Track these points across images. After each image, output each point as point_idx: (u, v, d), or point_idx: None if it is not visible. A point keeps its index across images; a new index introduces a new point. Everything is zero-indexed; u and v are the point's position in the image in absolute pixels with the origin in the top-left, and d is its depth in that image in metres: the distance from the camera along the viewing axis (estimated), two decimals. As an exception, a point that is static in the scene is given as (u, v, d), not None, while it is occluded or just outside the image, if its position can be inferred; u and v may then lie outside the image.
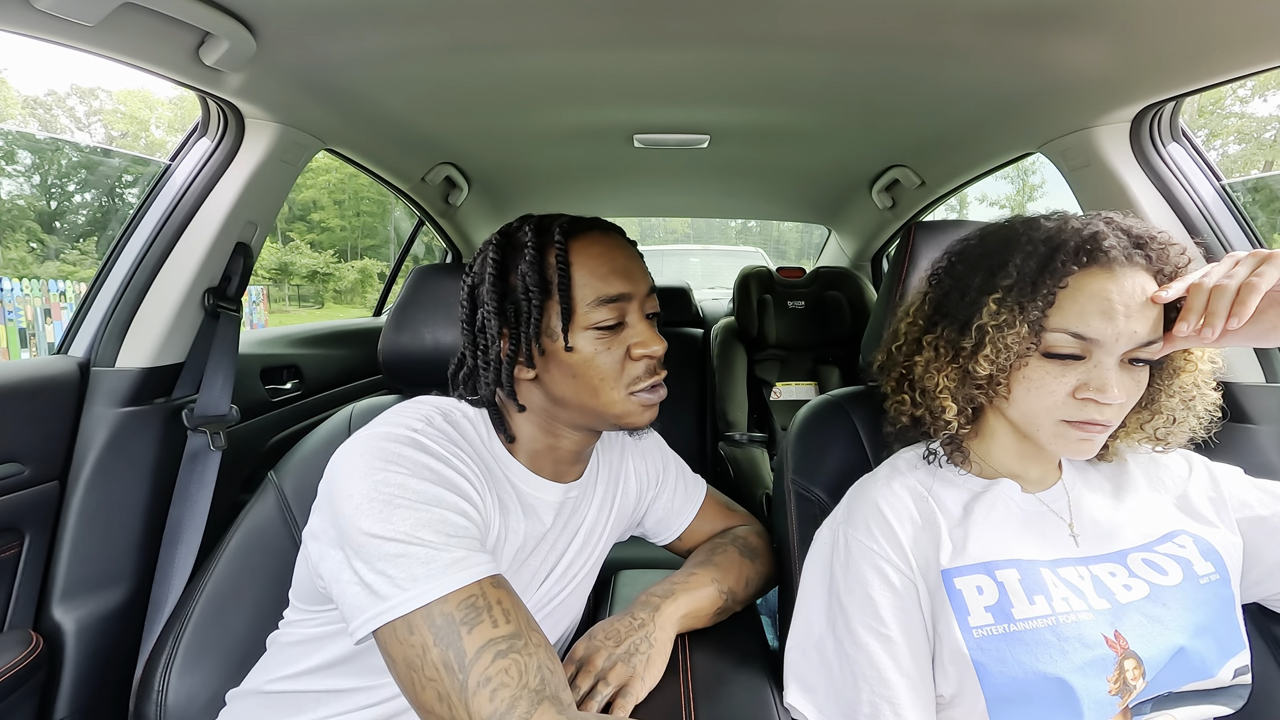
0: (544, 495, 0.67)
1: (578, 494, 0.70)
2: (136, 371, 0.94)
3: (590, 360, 0.60)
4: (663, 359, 0.64)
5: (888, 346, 0.68)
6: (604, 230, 0.64)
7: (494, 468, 0.64)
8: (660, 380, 0.65)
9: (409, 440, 0.56)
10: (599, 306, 0.60)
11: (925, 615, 0.57)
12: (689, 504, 0.83)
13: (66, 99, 16.96)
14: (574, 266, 0.60)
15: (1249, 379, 0.87)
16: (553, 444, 0.67)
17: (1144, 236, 0.56)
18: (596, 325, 0.60)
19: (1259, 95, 11.51)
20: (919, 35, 0.81)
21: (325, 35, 0.82)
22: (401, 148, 1.36)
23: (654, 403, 0.64)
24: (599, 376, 0.61)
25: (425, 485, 0.53)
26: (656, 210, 2.51)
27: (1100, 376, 0.54)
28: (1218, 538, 0.61)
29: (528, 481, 0.66)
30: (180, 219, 0.98)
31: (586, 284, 0.60)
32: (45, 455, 0.88)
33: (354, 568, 0.50)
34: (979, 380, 0.58)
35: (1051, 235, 0.56)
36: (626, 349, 0.62)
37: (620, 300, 0.61)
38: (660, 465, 0.83)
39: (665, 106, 1.16)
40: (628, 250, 0.65)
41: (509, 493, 0.64)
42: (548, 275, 0.60)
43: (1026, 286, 0.55)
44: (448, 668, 0.46)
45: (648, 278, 0.66)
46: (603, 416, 0.63)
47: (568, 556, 0.70)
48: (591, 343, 0.60)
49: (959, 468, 0.65)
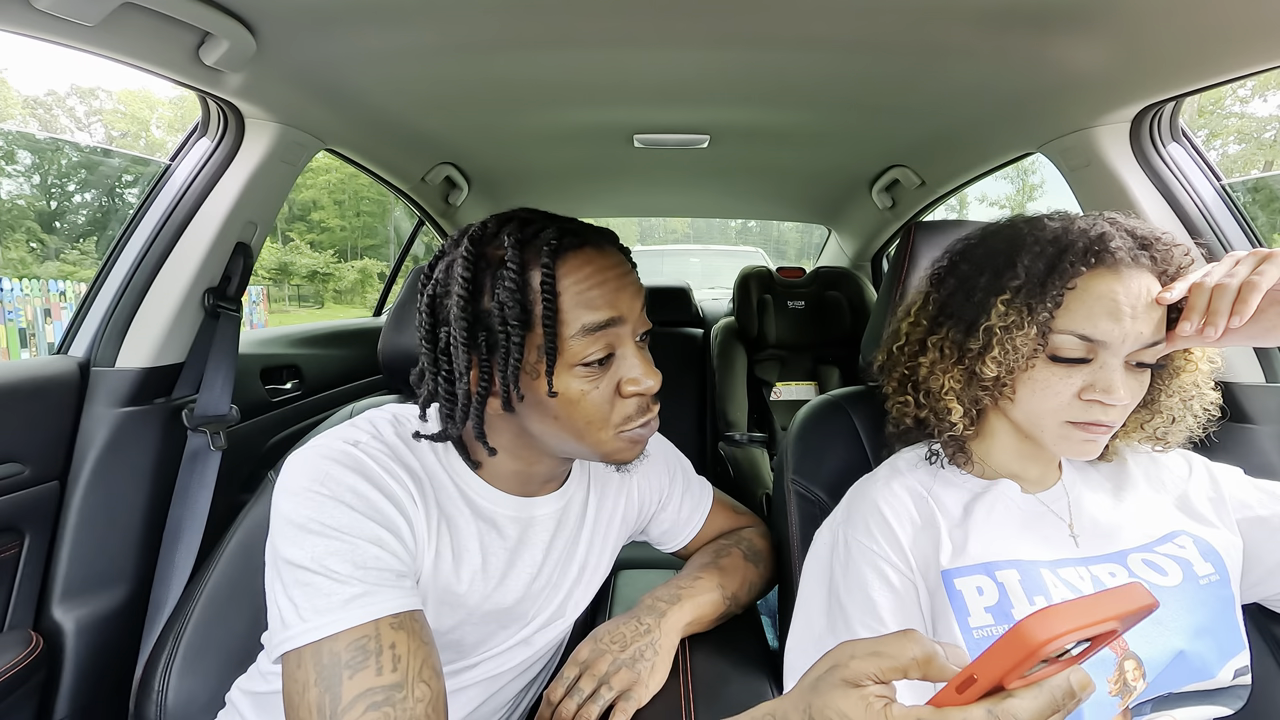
0: (507, 510, 0.61)
1: (553, 508, 0.65)
2: (136, 371, 0.95)
3: (576, 402, 0.53)
4: (657, 392, 0.58)
5: (888, 346, 0.68)
6: (597, 247, 0.54)
7: (448, 485, 0.59)
8: (654, 415, 0.58)
9: (344, 458, 0.53)
10: (585, 337, 0.51)
11: (925, 616, 0.57)
12: (696, 512, 0.80)
13: (66, 99, 16.95)
14: (561, 291, 0.51)
15: (1249, 379, 0.87)
16: (523, 469, 0.61)
17: (1149, 238, 0.56)
18: (583, 361, 0.52)
19: (1259, 95, 11.51)
20: (919, 35, 0.81)
21: (325, 35, 0.82)
22: (401, 148, 1.36)
23: (645, 438, 0.58)
24: (584, 420, 0.54)
25: (344, 512, 0.50)
26: (656, 210, 2.51)
27: (1106, 378, 0.54)
28: (1217, 538, 0.61)
29: (489, 497, 0.61)
30: (180, 219, 0.98)
31: (573, 311, 0.51)
32: (45, 455, 0.88)
33: (273, 588, 0.49)
34: (985, 382, 0.58)
35: (1058, 236, 0.56)
36: (617, 385, 0.54)
37: (610, 327, 0.53)
38: (667, 477, 0.78)
39: (665, 106, 1.16)
40: (621, 268, 0.56)
41: (461, 510, 0.59)
42: (530, 303, 0.51)
43: (1035, 287, 0.54)
44: (320, 712, 0.44)
45: (640, 295, 0.57)
46: (586, 454, 0.58)
47: (547, 570, 0.65)
48: (578, 381, 0.52)
49: (960, 468, 0.65)
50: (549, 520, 0.65)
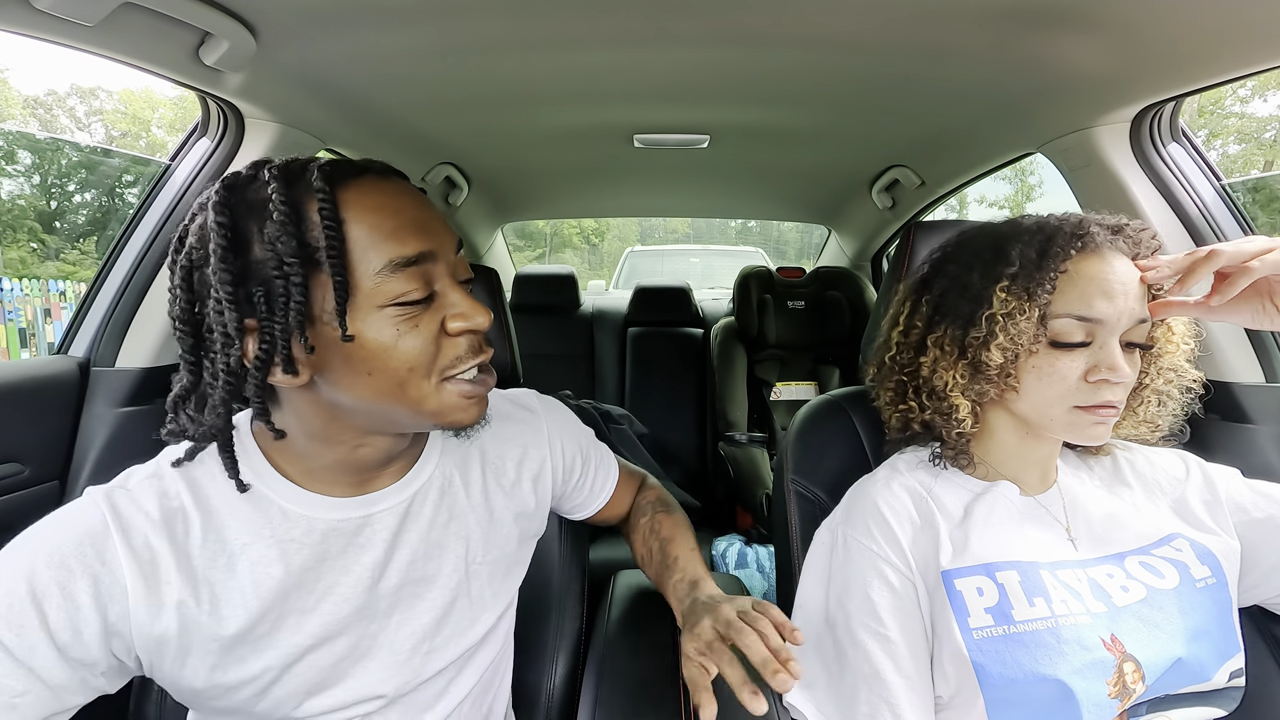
0: (324, 514, 0.52)
1: (394, 501, 0.55)
2: (136, 371, 0.95)
3: (389, 349, 0.45)
4: (486, 338, 0.51)
5: (880, 358, 0.68)
6: (381, 174, 0.48)
7: (238, 509, 0.50)
8: (486, 361, 0.51)
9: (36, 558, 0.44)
10: (395, 274, 0.45)
11: (924, 616, 0.57)
12: (608, 482, 0.77)
13: (67, 99, 16.95)
14: (349, 223, 0.44)
15: (1249, 379, 0.87)
16: (345, 456, 0.51)
17: (1118, 224, 0.59)
18: (398, 300, 0.45)
19: (1259, 95, 11.49)
20: (919, 35, 0.81)
21: (325, 35, 0.82)
22: (401, 148, 1.36)
23: (478, 395, 0.51)
24: (405, 366, 0.46)
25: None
26: (656, 210, 2.51)
27: (1109, 356, 0.55)
28: (1214, 542, 0.61)
29: (301, 502, 0.51)
30: (180, 219, 0.98)
31: (370, 245, 0.44)
32: (45, 455, 0.88)
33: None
34: (991, 372, 0.58)
35: (1042, 225, 0.59)
36: (440, 324, 0.48)
37: (423, 262, 0.46)
38: (580, 455, 0.71)
39: (665, 106, 1.16)
40: (419, 199, 0.49)
41: (254, 534, 0.50)
42: (309, 238, 0.43)
43: (1032, 271, 0.56)
44: None
45: (452, 234, 0.50)
46: (413, 417, 0.49)
47: (391, 577, 0.54)
48: (390, 324, 0.45)
49: (960, 469, 0.65)
50: (388, 516, 0.55)
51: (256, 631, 0.49)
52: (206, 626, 0.48)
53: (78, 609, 0.43)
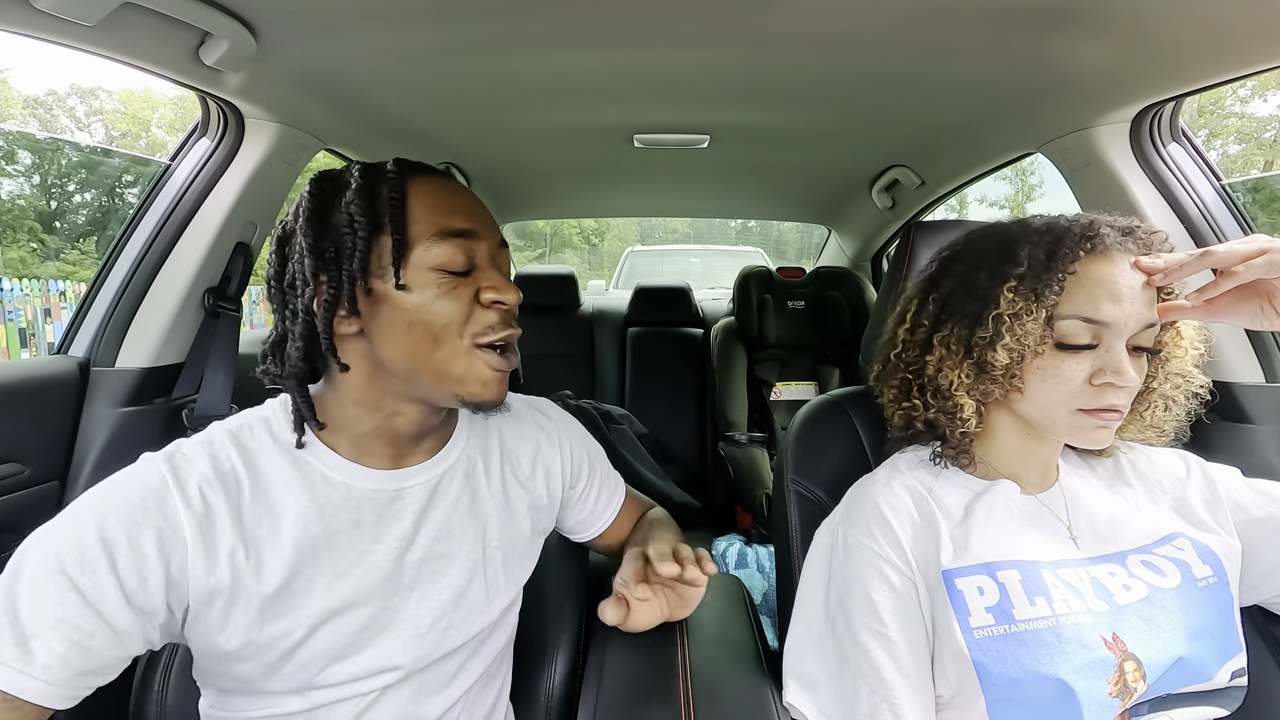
0: (362, 484, 0.56)
1: (426, 476, 0.60)
2: (136, 371, 0.95)
3: (429, 305, 0.52)
4: (517, 315, 0.57)
5: (885, 355, 0.68)
6: (442, 175, 0.58)
7: (285, 474, 0.54)
8: (514, 339, 0.57)
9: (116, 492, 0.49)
10: (442, 241, 0.52)
11: (925, 615, 0.57)
12: (612, 502, 0.78)
13: (67, 99, 16.95)
14: (410, 198, 0.53)
15: (1249, 379, 0.87)
16: (382, 424, 0.57)
17: (1129, 226, 0.59)
18: (440, 267, 0.52)
19: (1259, 95, 11.48)
20: (919, 35, 0.81)
21: (325, 35, 0.82)
22: (401, 148, 1.36)
23: (503, 368, 0.56)
24: (441, 322, 0.52)
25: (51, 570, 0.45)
26: (656, 210, 2.51)
27: (1115, 360, 0.55)
28: (1215, 541, 0.61)
29: (342, 470, 0.56)
30: (180, 219, 0.98)
31: (426, 218, 0.53)
32: (45, 455, 0.88)
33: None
34: (996, 373, 0.58)
35: (1051, 225, 0.58)
36: (475, 293, 0.54)
37: (467, 237, 0.54)
38: (587, 464, 0.75)
39: (665, 106, 1.16)
40: (470, 193, 0.58)
41: (295, 498, 0.54)
42: (378, 208, 0.52)
43: (1040, 272, 0.56)
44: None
45: (495, 226, 0.58)
46: (439, 381, 0.54)
47: (417, 550, 0.58)
48: (433, 285, 0.52)
49: (961, 469, 0.65)
50: (419, 491, 0.59)
51: (292, 587, 0.53)
52: (250, 584, 0.51)
53: (144, 558, 0.47)
